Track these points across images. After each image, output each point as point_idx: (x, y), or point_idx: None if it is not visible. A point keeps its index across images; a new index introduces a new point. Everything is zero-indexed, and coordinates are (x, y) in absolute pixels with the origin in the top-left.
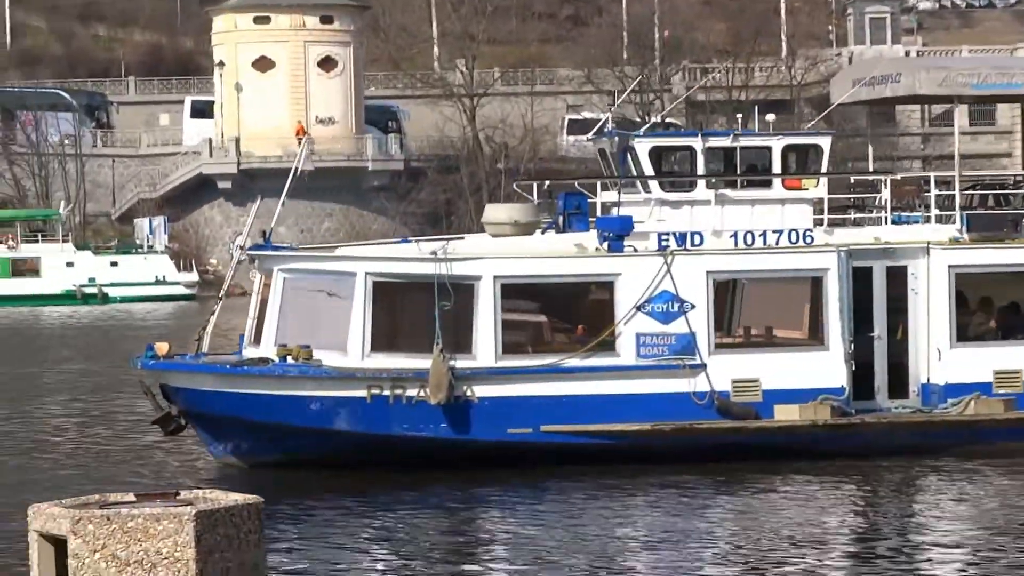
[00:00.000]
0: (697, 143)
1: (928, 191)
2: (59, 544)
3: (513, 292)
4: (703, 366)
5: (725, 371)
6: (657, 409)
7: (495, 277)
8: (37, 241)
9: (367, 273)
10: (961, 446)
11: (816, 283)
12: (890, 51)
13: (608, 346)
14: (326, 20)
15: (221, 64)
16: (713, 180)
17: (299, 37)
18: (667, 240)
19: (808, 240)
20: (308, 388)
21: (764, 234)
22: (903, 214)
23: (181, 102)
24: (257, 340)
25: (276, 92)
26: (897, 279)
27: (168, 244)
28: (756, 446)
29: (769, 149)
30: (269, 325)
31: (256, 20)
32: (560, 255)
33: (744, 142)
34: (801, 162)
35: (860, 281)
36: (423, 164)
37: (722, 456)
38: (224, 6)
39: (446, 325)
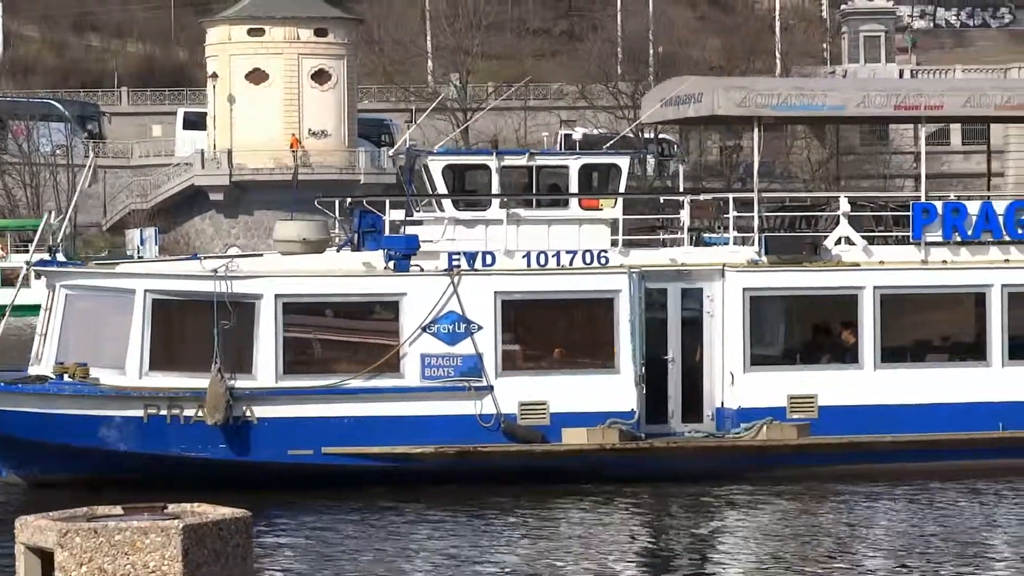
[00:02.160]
0: (492, 162)
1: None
2: (46, 557)
3: (296, 311)
4: (489, 388)
5: (512, 393)
6: (442, 431)
7: (276, 296)
8: (27, 251)
9: (146, 290)
10: (754, 471)
11: (607, 305)
12: (884, 69)
13: (393, 367)
14: (320, 33)
15: (214, 76)
16: (506, 199)
17: (293, 50)
18: (457, 260)
19: (603, 261)
20: (83, 407)
21: (558, 254)
22: (711, 235)
23: (174, 113)
24: (40, 357)
25: (269, 104)
26: (693, 301)
27: (159, 255)
28: (544, 470)
29: (567, 168)
30: (50, 342)
31: (250, 32)
32: (344, 274)
33: (540, 161)
34: (601, 182)
35: (654, 303)
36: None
37: (509, 479)
38: (218, 18)
39: (226, 344)
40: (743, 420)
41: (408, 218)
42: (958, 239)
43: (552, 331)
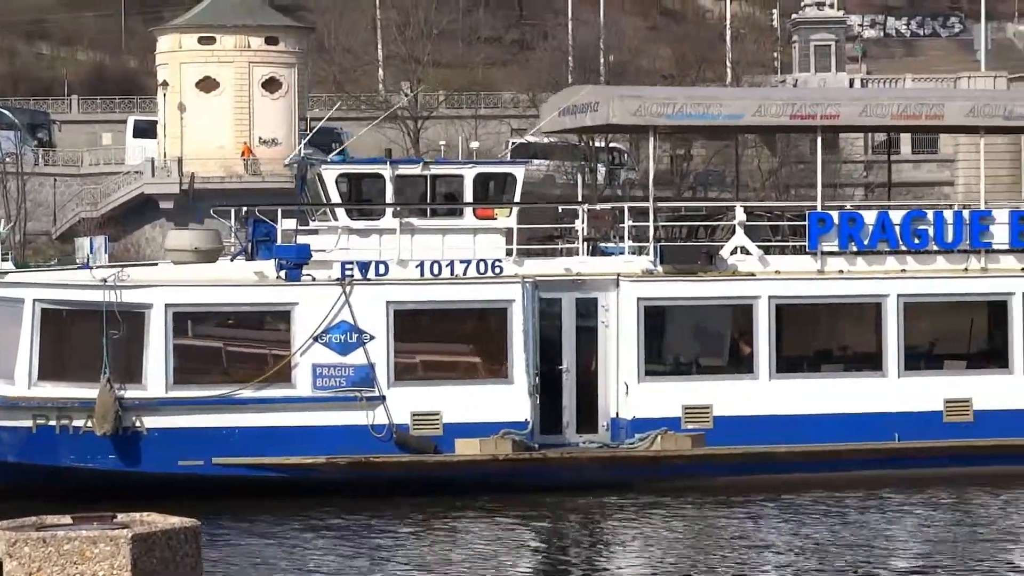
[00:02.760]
0: (386, 171)
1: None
2: None
3: (186, 321)
4: (382, 398)
5: (405, 404)
6: (333, 442)
7: (167, 305)
8: None
9: (35, 300)
10: (648, 482)
11: (500, 314)
12: (834, 79)
13: (284, 377)
14: (271, 41)
15: (165, 84)
16: (399, 209)
17: (244, 58)
18: (350, 269)
19: (497, 270)
20: None
21: (452, 264)
22: (609, 245)
23: (124, 121)
24: None
25: (220, 112)
26: (588, 311)
27: (109, 263)
28: (437, 480)
29: (462, 178)
30: None
31: (201, 40)
32: (235, 283)
33: (435, 170)
34: (497, 191)
35: (549, 313)
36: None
37: (401, 490)
38: (169, 26)
39: (116, 354)
40: (637, 430)
41: (302, 227)
42: (854, 249)
43: (445, 341)
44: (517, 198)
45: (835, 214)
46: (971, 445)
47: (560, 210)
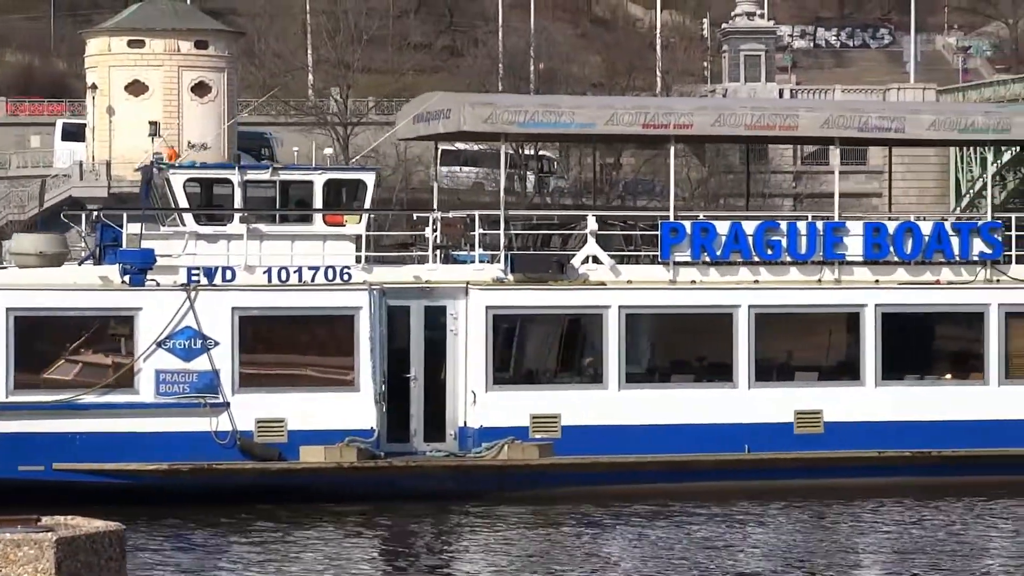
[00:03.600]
0: (235, 176)
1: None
2: None
3: (28, 325)
4: (226, 405)
5: (249, 410)
6: (177, 448)
7: (8, 309)
8: None
9: None
10: (495, 491)
11: (347, 322)
12: (764, 89)
13: (127, 383)
14: (200, 45)
15: (94, 87)
16: (246, 214)
17: (173, 62)
18: (196, 275)
19: (346, 277)
20: None
21: (300, 270)
22: (461, 253)
23: (53, 124)
24: None
25: (149, 116)
26: (437, 319)
27: None
28: (281, 488)
29: (311, 184)
30: None
31: (130, 44)
32: (79, 288)
33: (285, 176)
34: (348, 198)
35: (397, 321)
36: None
37: (246, 498)
38: (98, 29)
39: None
40: (485, 439)
41: (150, 232)
42: (707, 259)
43: (291, 348)
44: (367, 205)
45: (688, 224)
46: (821, 457)
47: (415, 217)
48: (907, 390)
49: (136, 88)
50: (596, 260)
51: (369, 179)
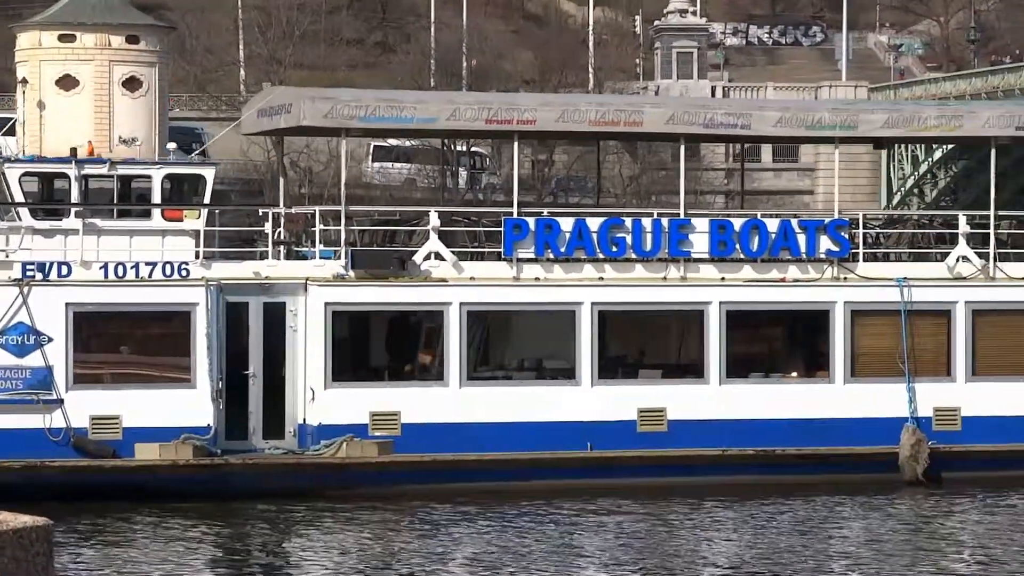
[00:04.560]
0: (71, 170)
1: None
2: None
3: None
4: (59, 401)
5: (83, 407)
6: (9, 445)
7: None
8: None
9: None
10: (335, 489)
11: (184, 318)
12: (696, 86)
13: None
14: (132, 40)
15: (24, 82)
16: (81, 209)
17: (104, 56)
18: (31, 270)
19: (184, 273)
20: None
21: (137, 266)
22: (306, 249)
23: None
24: None
25: (80, 111)
26: (276, 316)
27: None
28: (115, 486)
29: (150, 178)
30: None
31: (61, 38)
32: None
33: (123, 171)
34: (188, 192)
35: (236, 317)
36: (227, 187)
37: (79, 496)
38: (28, 23)
39: None
40: (324, 437)
41: None
42: (551, 256)
43: (127, 344)
44: (207, 200)
45: (531, 221)
46: (665, 455)
47: (260, 213)
48: (752, 388)
49: (67, 83)
50: (438, 256)
51: (209, 174)
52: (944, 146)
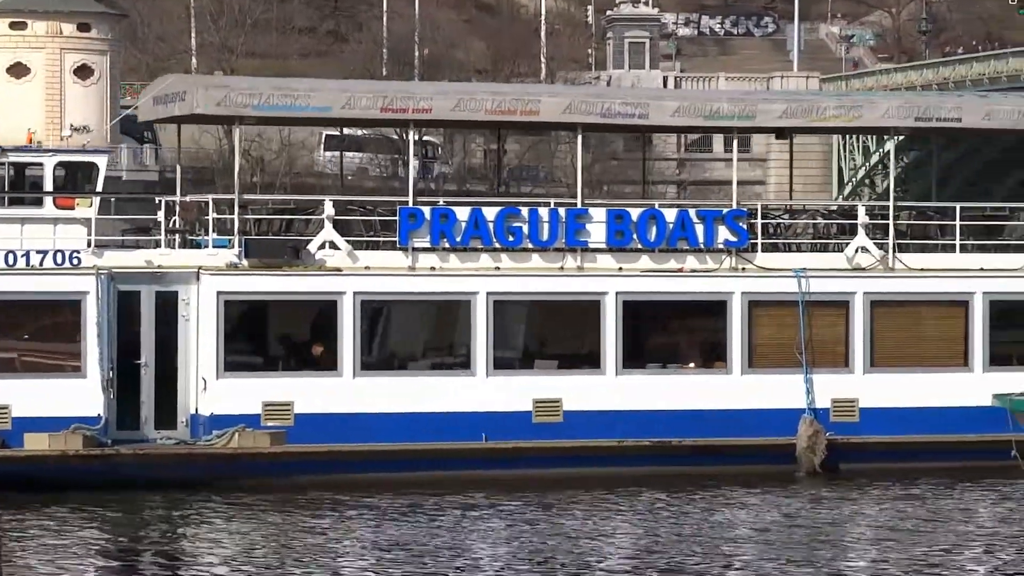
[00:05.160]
0: None
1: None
2: None
3: None
4: None
5: None
6: None
7: None
8: None
9: None
10: (227, 480)
11: (74, 307)
12: (648, 76)
13: None
14: (83, 28)
15: None
16: None
17: (55, 44)
18: None
19: (75, 261)
20: None
21: (27, 254)
22: (200, 237)
23: None
24: None
25: (31, 99)
26: (168, 305)
27: None
28: (4, 476)
29: (42, 166)
30: None
31: (12, 26)
32: None
33: (14, 158)
34: (82, 181)
35: (128, 306)
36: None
37: None
38: None
39: None
40: (216, 427)
41: None
42: (447, 245)
43: (16, 332)
44: (100, 188)
45: (427, 210)
46: (561, 446)
47: (157, 201)
48: (649, 379)
49: (18, 70)
50: (333, 246)
51: (102, 162)
52: (895, 137)
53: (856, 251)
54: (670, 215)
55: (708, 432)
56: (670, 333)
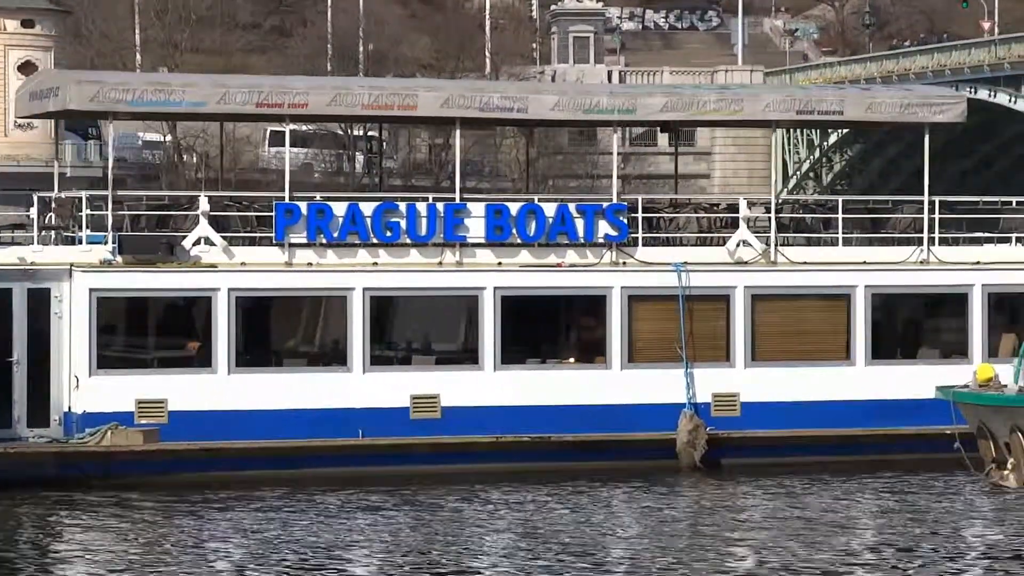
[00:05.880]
0: None
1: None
2: None
3: None
4: None
5: None
6: None
7: None
8: None
9: None
10: (100, 478)
11: None
12: (593, 70)
13: None
14: (27, 24)
15: None
16: None
17: None
18: None
19: None
20: None
21: None
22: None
23: None
24: None
25: None
26: (40, 302)
27: None
28: None
29: None
30: None
31: None
32: None
33: None
34: None
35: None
36: (122, 172)
37: None
38: None
39: None
40: (89, 425)
41: None
42: (323, 241)
43: None
44: None
45: (303, 205)
46: (438, 442)
47: (35, 198)
48: (527, 374)
49: None
50: (208, 242)
51: None
52: (839, 130)
53: (738, 245)
54: (549, 209)
55: (588, 427)
56: (549, 328)
